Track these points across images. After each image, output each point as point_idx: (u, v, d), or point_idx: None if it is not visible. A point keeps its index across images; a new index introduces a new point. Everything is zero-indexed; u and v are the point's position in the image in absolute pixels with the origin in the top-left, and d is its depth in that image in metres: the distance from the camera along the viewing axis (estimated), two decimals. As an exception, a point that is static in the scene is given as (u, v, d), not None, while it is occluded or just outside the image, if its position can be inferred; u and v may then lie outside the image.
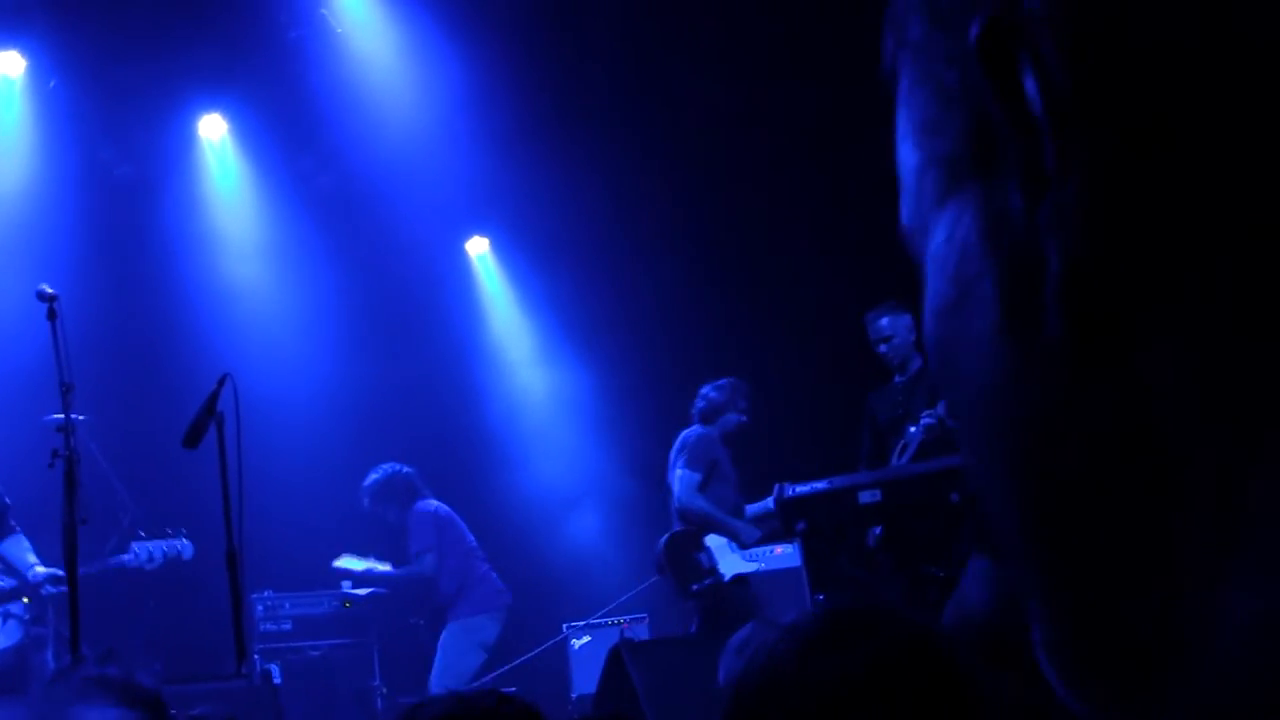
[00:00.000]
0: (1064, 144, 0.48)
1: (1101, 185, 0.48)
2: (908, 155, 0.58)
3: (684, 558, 8.05)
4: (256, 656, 8.32)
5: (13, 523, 7.24)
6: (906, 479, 6.73)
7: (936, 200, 0.55)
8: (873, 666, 1.57)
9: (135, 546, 7.27)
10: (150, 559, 7.18)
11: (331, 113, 10.69)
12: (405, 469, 8.80)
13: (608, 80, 10.09)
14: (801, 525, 6.88)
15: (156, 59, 9.89)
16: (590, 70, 10.05)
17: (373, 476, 8.73)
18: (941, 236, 0.55)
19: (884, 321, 7.70)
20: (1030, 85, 0.48)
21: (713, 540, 8.03)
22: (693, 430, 8.27)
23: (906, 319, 7.64)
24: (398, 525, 8.75)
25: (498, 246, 11.86)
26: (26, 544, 7.15)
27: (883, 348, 7.73)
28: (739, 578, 7.97)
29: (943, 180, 0.54)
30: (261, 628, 8.88)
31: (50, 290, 5.97)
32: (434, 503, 8.80)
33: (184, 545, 7.46)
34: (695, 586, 8.01)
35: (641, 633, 9.08)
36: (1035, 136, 0.49)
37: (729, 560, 7.99)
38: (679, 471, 8.14)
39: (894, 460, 7.37)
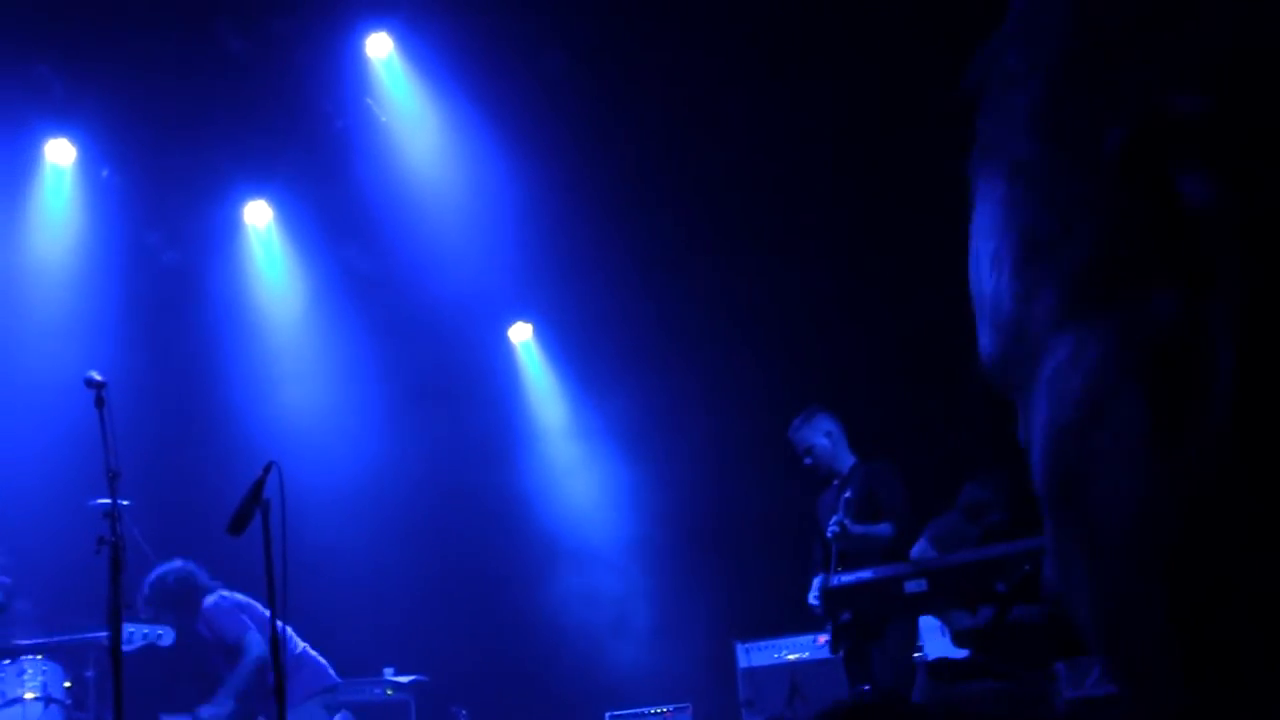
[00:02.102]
0: (1236, 242, 0.47)
1: (1273, 282, 0.47)
2: (1004, 281, 0.57)
3: None
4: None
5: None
6: (952, 568, 6.62)
7: (1054, 322, 0.54)
8: None
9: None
10: (129, 641, 7.17)
11: (375, 200, 10.78)
12: (178, 566, 7.66)
13: (652, 168, 10.13)
14: (846, 615, 6.79)
15: (204, 147, 10.03)
16: (635, 158, 10.10)
17: (148, 579, 7.53)
18: (1062, 356, 0.54)
19: (798, 436, 7.55)
20: (1192, 186, 0.48)
21: (927, 620, 7.58)
22: None
23: (819, 423, 7.52)
24: (197, 633, 7.63)
25: (541, 333, 11.89)
26: None
27: (807, 460, 7.55)
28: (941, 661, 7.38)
29: (1064, 299, 0.53)
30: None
31: (99, 377, 5.95)
32: (225, 593, 7.72)
33: (165, 631, 7.52)
34: None
35: (685, 722, 9.01)
36: (1196, 238, 0.48)
37: (937, 643, 7.56)
38: None
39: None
